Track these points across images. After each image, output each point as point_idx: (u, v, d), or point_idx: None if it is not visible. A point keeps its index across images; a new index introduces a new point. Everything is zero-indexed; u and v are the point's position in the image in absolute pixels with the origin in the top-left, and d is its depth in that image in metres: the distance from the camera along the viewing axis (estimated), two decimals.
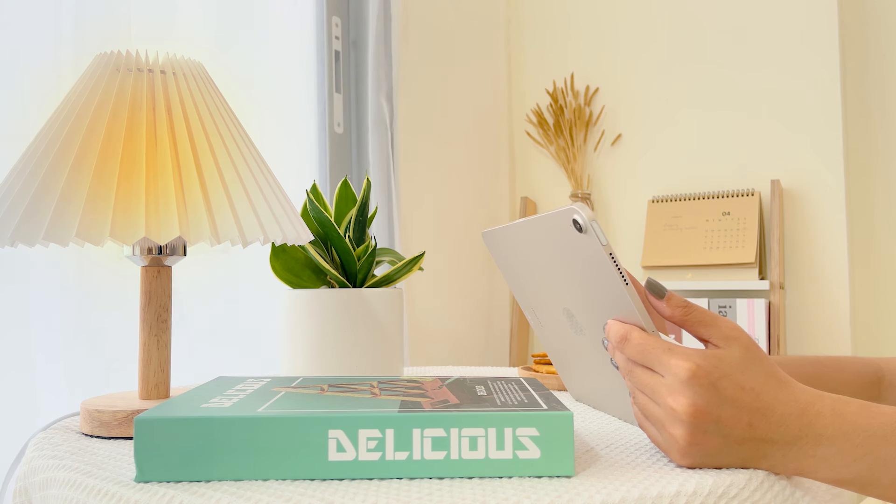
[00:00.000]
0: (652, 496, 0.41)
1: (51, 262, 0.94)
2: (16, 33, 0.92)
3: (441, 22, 1.73)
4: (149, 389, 0.63)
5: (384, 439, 0.44)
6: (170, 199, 0.57)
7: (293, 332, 0.77)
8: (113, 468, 0.48)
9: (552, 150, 1.97)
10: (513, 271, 0.64)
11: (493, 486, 0.42)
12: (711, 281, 1.63)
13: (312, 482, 0.43)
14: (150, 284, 0.63)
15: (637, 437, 0.56)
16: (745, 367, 0.46)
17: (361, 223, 0.83)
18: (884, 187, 1.69)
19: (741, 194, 1.67)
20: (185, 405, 0.47)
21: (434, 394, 0.51)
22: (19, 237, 0.55)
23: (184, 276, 1.09)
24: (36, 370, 0.91)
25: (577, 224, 0.48)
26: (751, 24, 1.72)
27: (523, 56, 2.04)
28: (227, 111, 0.66)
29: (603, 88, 1.92)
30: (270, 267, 0.80)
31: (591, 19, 1.94)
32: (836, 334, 1.61)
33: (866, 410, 0.46)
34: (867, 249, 1.70)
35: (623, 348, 0.49)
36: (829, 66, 1.63)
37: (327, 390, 0.53)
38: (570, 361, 0.65)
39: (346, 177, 0.87)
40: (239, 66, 1.25)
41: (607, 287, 0.50)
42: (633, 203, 1.87)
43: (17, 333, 0.90)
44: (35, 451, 0.55)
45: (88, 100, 0.59)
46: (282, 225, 0.62)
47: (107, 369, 0.99)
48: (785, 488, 0.46)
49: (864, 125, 1.71)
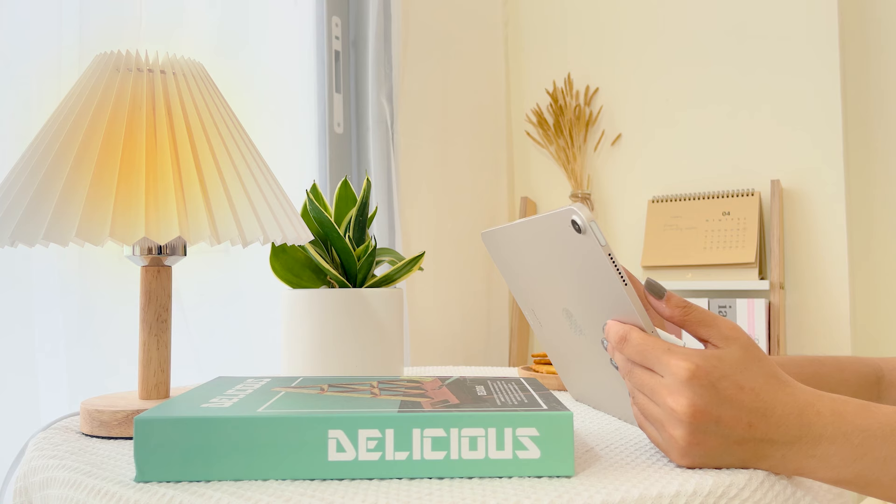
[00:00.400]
0: (652, 496, 0.41)
1: (51, 262, 0.94)
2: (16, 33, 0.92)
3: (441, 22, 1.73)
4: (149, 389, 0.63)
5: (384, 439, 0.44)
6: (170, 199, 0.57)
7: (293, 332, 0.77)
8: (113, 468, 0.48)
9: (552, 150, 1.97)
10: (512, 272, 0.64)
11: (493, 486, 0.42)
12: (711, 281, 1.63)
13: (312, 482, 0.43)
14: (150, 284, 0.63)
15: (637, 437, 0.56)
16: (745, 367, 0.46)
17: (361, 223, 0.83)
18: (884, 187, 1.69)
19: (741, 194, 1.67)
20: (185, 405, 0.47)
21: (434, 394, 0.51)
22: (19, 237, 0.55)
23: (184, 276, 1.09)
24: (36, 370, 0.91)
25: (576, 224, 0.48)
26: (751, 23, 1.72)
27: (523, 56, 2.04)
28: (227, 111, 0.66)
29: (603, 88, 1.92)
30: (270, 267, 0.80)
31: (591, 19, 1.94)
32: (836, 334, 1.61)
33: (865, 410, 0.46)
34: (867, 249, 1.70)
35: (622, 348, 0.49)
36: (829, 66, 1.63)
37: (327, 390, 0.53)
38: (569, 361, 0.65)
39: (346, 177, 0.87)
40: (239, 66, 1.25)
41: (606, 287, 0.50)
42: (633, 203, 1.87)
43: (17, 333, 0.90)
44: (35, 451, 0.55)
45: (88, 100, 0.60)
46: (282, 225, 0.63)
47: (107, 369, 0.99)
48: (786, 488, 0.46)
49: (863, 125, 1.71)
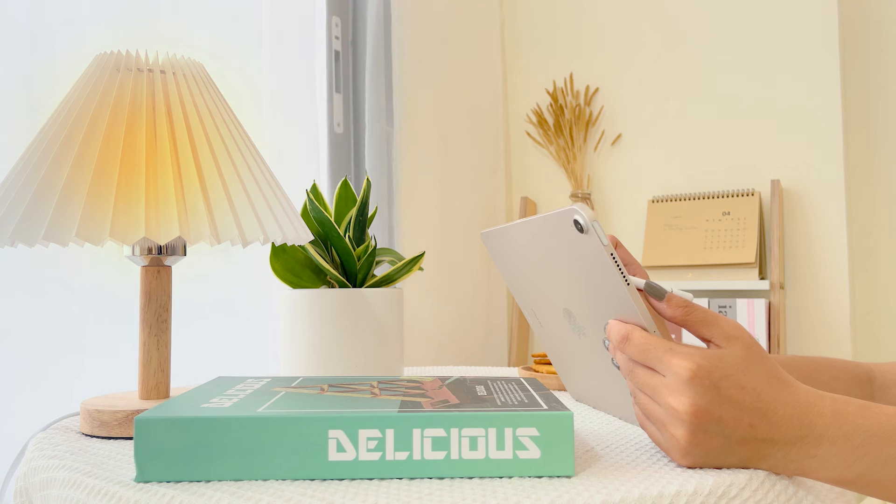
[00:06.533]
0: (652, 496, 0.41)
1: (51, 262, 0.94)
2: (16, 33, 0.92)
3: (441, 23, 1.73)
4: (149, 389, 0.63)
5: (384, 439, 0.44)
6: (170, 199, 0.57)
7: (293, 332, 0.77)
8: (113, 468, 0.48)
9: (552, 150, 1.97)
10: (512, 272, 0.64)
11: (493, 486, 0.42)
12: (711, 281, 1.63)
13: (312, 482, 0.43)
14: (150, 284, 0.63)
15: (637, 437, 0.56)
16: (747, 367, 0.46)
17: (361, 223, 0.82)
18: (884, 187, 1.69)
19: (741, 194, 1.67)
20: (185, 405, 0.47)
21: (434, 394, 0.51)
22: (19, 237, 0.55)
23: (184, 275, 1.09)
24: (36, 370, 0.91)
25: (577, 224, 0.48)
26: (750, 23, 1.72)
27: (523, 56, 2.04)
28: (227, 111, 0.66)
29: (603, 88, 1.92)
30: (270, 267, 0.80)
31: (591, 19, 1.94)
32: (836, 334, 1.61)
33: (867, 411, 0.46)
34: (867, 249, 1.70)
35: (624, 348, 0.49)
36: (828, 66, 1.63)
37: (327, 390, 0.53)
38: (569, 361, 0.65)
39: (346, 177, 0.87)
40: (239, 66, 1.24)
41: (608, 287, 0.50)
42: (633, 203, 1.87)
43: (17, 333, 0.90)
44: (35, 451, 0.55)
45: (88, 99, 0.59)
46: (282, 225, 0.62)
47: (107, 369, 0.99)
48: (787, 488, 0.46)
49: (863, 125, 1.71)
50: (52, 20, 0.96)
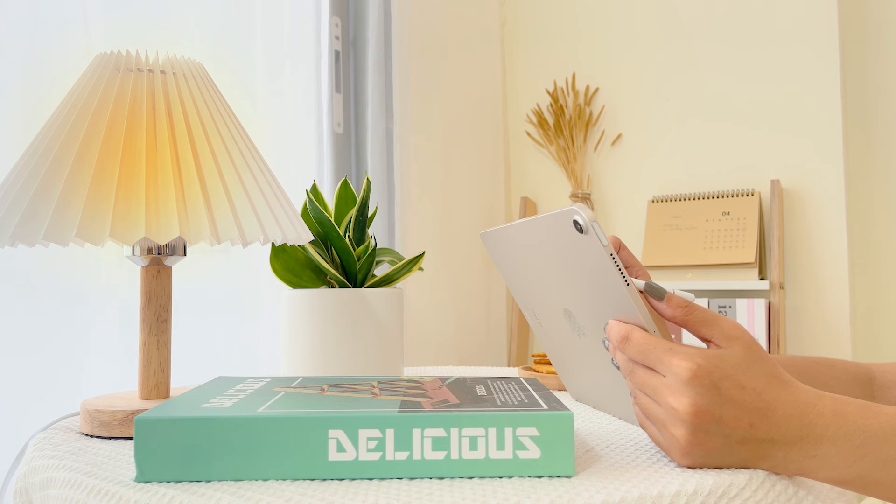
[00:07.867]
0: (652, 496, 0.41)
1: (51, 261, 0.94)
2: (16, 33, 0.92)
3: (441, 23, 1.73)
4: (149, 389, 0.63)
5: (384, 439, 0.44)
6: (170, 199, 0.57)
7: (293, 332, 0.77)
8: (113, 468, 0.48)
9: (552, 150, 1.97)
10: (512, 272, 0.64)
11: (493, 486, 0.42)
12: (711, 281, 1.63)
13: (312, 482, 0.43)
14: (150, 284, 0.63)
15: (637, 437, 0.56)
16: (747, 367, 0.46)
17: (361, 223, 0.82)
18: (884, 187, 1.69)
19: (741, 194, 1.67)
20: (185, 405, 0.47)
21: (434, 394, 0.51)
22: (19, 237, 0.55)
23: (184, 275, 1.09)
24: (36, 370, 0.91)
25: (577, 225, 0.48)
26: (751, 24, 1.72)
27: (523, 56, 2.04)
28: (227, 111, 0.66)
29: (603, 88, 1.92)
30: (270, 267, 0.80)
31: (592, 19, 1.94)
32: (836, 334, 1.61)
33: (867, 411, 0.46)
34: (867, 249, 1.70)
35: (624, 348, 0.49)
36: (829, 66, 1.63)
37: (327, 390, 0.53)
38: (569, 361, 0.65)
39: (346, 177, 0.87)
40: (239, 67, 1.24)
41: (608, 287, 0.50)
42: (633, 203, 1.87)
43: (17, 333, 0.90)
44: (35, 451, 0.55)
45: (89, 99, 0.59)
46: (282, 225, 0.62)
47: (106, 369, 0.99)
48: (787, 488, 0.46)
49: (863, 125, 1.71)
50: (53, 20, 0.96)
